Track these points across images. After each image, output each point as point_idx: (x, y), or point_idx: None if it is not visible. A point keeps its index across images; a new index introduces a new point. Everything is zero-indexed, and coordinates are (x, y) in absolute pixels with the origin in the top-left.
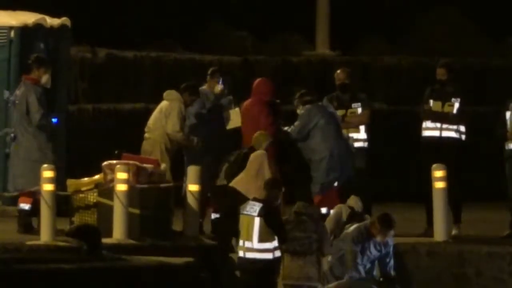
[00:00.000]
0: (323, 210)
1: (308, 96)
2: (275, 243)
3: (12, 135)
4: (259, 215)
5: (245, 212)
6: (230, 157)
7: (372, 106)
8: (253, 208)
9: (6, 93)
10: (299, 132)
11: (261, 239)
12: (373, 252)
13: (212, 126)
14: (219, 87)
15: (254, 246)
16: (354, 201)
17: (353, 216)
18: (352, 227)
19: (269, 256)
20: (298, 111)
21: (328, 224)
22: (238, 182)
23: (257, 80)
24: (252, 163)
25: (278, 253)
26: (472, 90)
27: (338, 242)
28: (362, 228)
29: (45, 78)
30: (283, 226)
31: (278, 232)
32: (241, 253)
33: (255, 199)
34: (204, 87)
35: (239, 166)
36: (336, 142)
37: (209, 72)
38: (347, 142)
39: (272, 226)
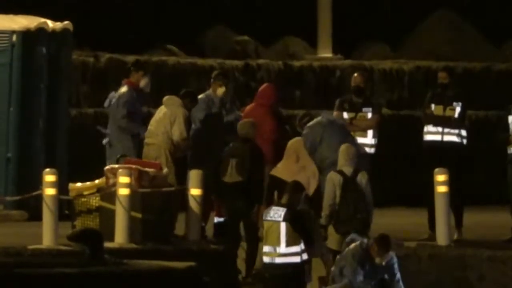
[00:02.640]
0: None
1: (305, 117)
2: (302, 246)
3: (107, 138)
4: (285, 219)
5: (268, 218)
6: (228, 152)
7: (382, 113)
8: (277, 213)
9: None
10: (309, 148)
11: (288, 243)
12: (374, 270)
13: (214, 130)
14: (221, 90)
15: (281, 251)
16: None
17: (347, 183)
18: (353, 245)
19: (297, 259)
20: (303, 132)
21: (327, 194)
22: (280, 171)
23: (262, 86)
24: (289, 150)
25: (305, 256)
26: (473, 94)
27: (340, 258)
28: (364, 247)
29: (143, 82)
30: (310, 230)
31: (305, 235)
32: (267, 259)
33: (278, 204)
34: (209, 92)
35: (251, 161)
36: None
37: (212, 75)
38: (355, 144)
39: (299, 230)
